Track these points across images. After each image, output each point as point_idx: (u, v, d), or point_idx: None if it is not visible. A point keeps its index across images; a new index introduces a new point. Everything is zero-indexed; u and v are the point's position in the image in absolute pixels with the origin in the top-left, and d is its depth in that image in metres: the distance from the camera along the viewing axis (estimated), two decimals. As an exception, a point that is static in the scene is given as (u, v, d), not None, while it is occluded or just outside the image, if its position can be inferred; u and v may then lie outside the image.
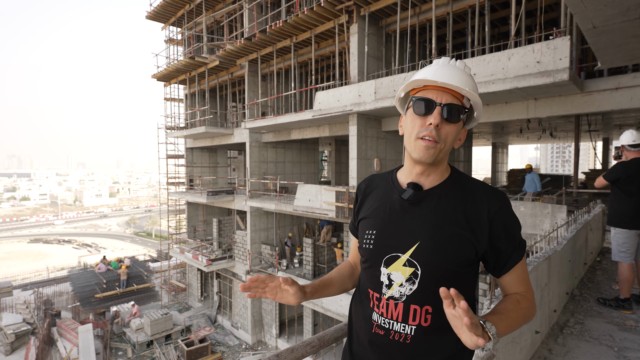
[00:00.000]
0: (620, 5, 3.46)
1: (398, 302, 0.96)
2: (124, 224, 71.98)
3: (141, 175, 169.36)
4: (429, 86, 0.96)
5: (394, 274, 0.97)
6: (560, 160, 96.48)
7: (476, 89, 0.98)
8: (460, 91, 0.93)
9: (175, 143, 18.74)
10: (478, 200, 0.96)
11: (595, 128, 13.64)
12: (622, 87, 6.85)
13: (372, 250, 1.02)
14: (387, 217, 1.02)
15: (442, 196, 0.98)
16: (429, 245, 0.94)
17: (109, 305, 18.49)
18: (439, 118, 0.92)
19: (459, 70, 0.97)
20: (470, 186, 1.00)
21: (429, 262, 0.93)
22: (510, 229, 0.97)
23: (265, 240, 14.75)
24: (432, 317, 0.95)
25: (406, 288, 0.95)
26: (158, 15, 17.69)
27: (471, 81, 0.97)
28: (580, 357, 2.52)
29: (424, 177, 1.00)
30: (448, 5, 9.11)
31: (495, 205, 0.96)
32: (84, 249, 47.37)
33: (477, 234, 0.94)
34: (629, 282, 3.41)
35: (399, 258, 0.96)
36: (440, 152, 0.94)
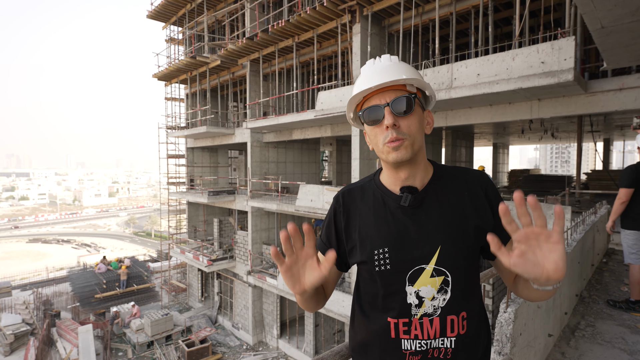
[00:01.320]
0: (630, 5, 3.44)
1: (433, 317, 0.88)
2: (124, 223, 71.91)
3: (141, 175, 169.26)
4: (369, 95, 0.93)
5: (423, 290, 0.88)
6: (559, 161, 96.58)
7: (414, 73, 0.93)
8: (396, 82, 0.89)
9: (176, 143, 18.71)
10: (471, 184, 0.94)
11: (597, 129, 13.64)
12: (627, 87, 6.83)
13: (390, 272, 0.90)
14: (394, 230, 0.91)
15: (439, 192, 0.93)
16: (451, 247, 0.88)
17: (109, 305, 18.43)
18: (391, 118, 0.87)
19: (385, 66, 0.92)
20: (458, 173, 0.97)
21: (456, 265, 0.88)
22: (498, 201, 0.92)
23: (266, 241, 14.72)
24: (467, 322, 0.91)
25: (439, 300, 0.88)
26: (159, 15, 17.66)
27: (403, 67, 0.92)
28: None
29: (411, 180, 0.93)
30: (451, 5, 9.09)
31: (484, 182, 0.94)
32: (83, 249, 47.30)
33: (484, 217, 0.91)
34: (637, 283, 3.38)
35: (424, 270, 0.88)
36: (413, 145, 0.89)
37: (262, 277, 13.30)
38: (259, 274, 13.58)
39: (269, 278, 13.00)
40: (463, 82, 7.54)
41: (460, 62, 7.64)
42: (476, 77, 7.35)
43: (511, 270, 0.70)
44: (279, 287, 12.52)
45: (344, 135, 12.03)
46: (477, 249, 0.91)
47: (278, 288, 12.59)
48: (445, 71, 7.80)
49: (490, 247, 0.68)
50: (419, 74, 0.94)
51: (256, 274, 13.72)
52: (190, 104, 18.61)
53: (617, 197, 3.47)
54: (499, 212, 0.68)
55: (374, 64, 0.95)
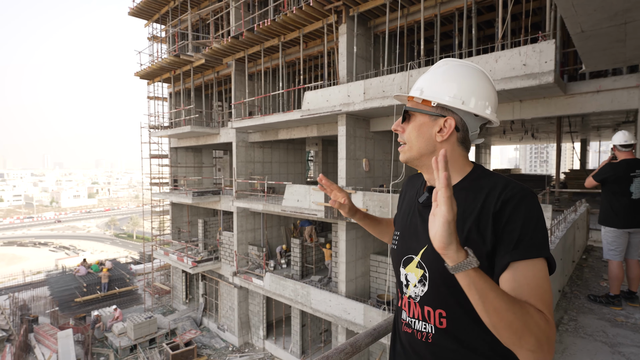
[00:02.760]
0: (609, 10, 3.57)
1: (415, 302, 0.99)
2: (104, 225, 70.07)
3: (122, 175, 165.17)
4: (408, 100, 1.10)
5: (410, 275, 1.01)
6: (538, 161, 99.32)
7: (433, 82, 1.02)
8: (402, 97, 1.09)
9: (159, 142, 18.35)
10: (491, 196, 0.88)
11: (575, 129, 14.09)
12: (603, 89, 7.08)
13: (395, 251, 1.09)
14: (408, 220, 1.08)
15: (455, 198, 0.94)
16: (434, 249, 0.85)
17: (89, 309, 17.95)
18: (395, 124, 1.06)
19: (425, 74, 1.07)
20: (488, 183, 0.92)
21: (435, 265, 0.92)
22: (513, 224, 0.83)
23: (252, 241, 14.61)
24: (447, 321, 0.92)
25: (419, 289, 0.98)
26: (141, 12, 17.28)
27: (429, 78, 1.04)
28: (578, 354, 2.57)
29: (432, 180, 1.05)
30: (436, 7, 9.23)
31: (505, 197, 0.86)
32: (61, 252, 45.87)
33: (484, 233, 0.86)
34: (618, 279, 3.51)
35: (413, 259, 1.00)
36: (409, 151, 1.03)
37: (248, 278, 13.20)
38: (245, 274, 13.46)
39: (255, 279, 12.91)
40: (448, 83, 7.64)
41: (445, 64, 7.75)
42: (460, 78, 7.46)
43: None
44: (265, 287, 12.45)
45: (330, 135, 12.05)
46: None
47: (264, 289, 12.51)
48: (431, 72, 7.90)
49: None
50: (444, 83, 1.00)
51: (242, 274, 13.59)
52: (174, 103, 18.29)
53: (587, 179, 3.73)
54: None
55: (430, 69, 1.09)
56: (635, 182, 3.40)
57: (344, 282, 10.33)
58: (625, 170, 3.43)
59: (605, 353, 2.59)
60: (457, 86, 0.98)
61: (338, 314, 10.04)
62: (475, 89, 0.97)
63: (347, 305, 9.83)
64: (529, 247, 0.81)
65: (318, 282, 11.72)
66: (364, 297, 10.68)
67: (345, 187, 9.86)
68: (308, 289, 10.90)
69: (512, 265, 0.81)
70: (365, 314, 9.38)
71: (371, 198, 9.15)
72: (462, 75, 0.99)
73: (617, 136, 3.57)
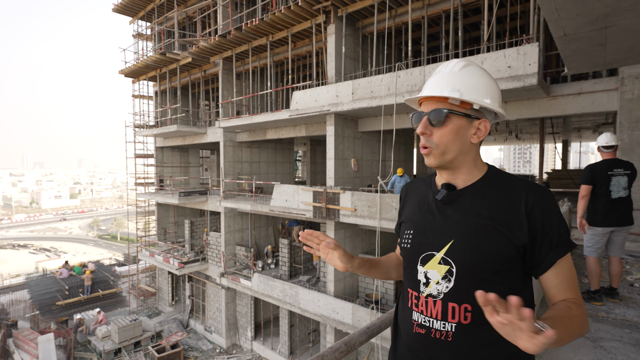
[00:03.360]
0: (590, 14, 3.67)
1: (436, 299, 0.98)
2: (87, 226, 68.46)
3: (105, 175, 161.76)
4: (424, 99, 1.04)
5: (430, 272, 1.00)
6: (522, 161, 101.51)
7: (469, 84, 0.98)
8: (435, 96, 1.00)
9: (144, 142, 18.04)
10: (515, 195, 0.96)
11: (557, 131, 14.45)
12: (584, 92, 7.29)
13: (409, 249, 1.07)
14: (423, 218, 1.06)
15: (475, 195, 1.00)
16: (462, 243, 0.95)
17: (72, 312, 17.48)
18: (422, 127, 1.00)
19: (445, 74, 1.01)
20: (507, 183, 1.00)
21: (463, 260, 0.95)
22: (548, 225, 0.93)
23: (240, 242, 14.50)
24: (471, 315, 0.94)
25: (443, 286, 0.97)
26: (126, 9, 16.96)
27: (461, 77, 0.99)
28: (562, 349, 2.64)
29: (452, 179, 1.04)
30: (423, 9, 9.34)
31: (533, 199, 0.94)
32: (42, 254, 44.62)
33: (515, 230, 0.93)
34: (596, 274, 3.63)
35: (434, 256, 0.99)
36: (442, 156, 0.99)
37: (236, 278, 13.09)
38: (233, 275, 13.35)
39: (243, 279, 12.82)
40: (435, 84, 7.75)
41: (432, 65, 7.87)
42: (447, 79, 7.58)
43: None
44: (253, 288, 12.37)
45: (319, 135, 12.06)
46: (498, 256, 0.93)
47: (252, 289, 12.43)
48: (418, 73, 7.99)
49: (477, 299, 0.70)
50: (475, 86, 0.98)
51: (230, 275, 13.48)
52: (160, 101, 18.01)
53: (580, 188, 3.71)
54: (476, 297, 0.70)
55: (445, 68, 1.03)
56: (614, 180, 3.50)
57: (332, 282, 10.35)
58: (604, 170, 3.54)
59: (587, 348, 2.67)
60: (490, 89, 1.00)
61: (327, 314, 10.05)
62: (497, 91, 1.03)
63: (335, 304, 9.85)
64: (565, 244, 0.94)
65: (306, 282, 11.72)
66: (353, 296, 10.72)
67: (333, 187, 9.89)
68: (296, 289, 10.89)
69: (557, 262, 0.94)
70: (353, 313, 9.42)
71: (359, 198, 9.19)
72: (488, 78, 1.01)
73: (600, 138, 3.69)
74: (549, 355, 2.57)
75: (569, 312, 0.87)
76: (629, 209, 3.53)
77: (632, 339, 2.79)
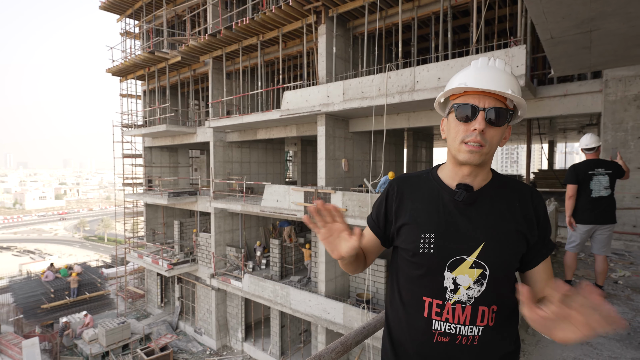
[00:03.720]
0: (575, 18, 3.76)
1: (466, 305, 0.95)
2: (73, 228, 67.11)
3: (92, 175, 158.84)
4: (469, 91, 0.96)
5: (460, 278, 0.95)
6: (509, 161, 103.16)
7: (518, 88, 0.96)
8: (506, 95, 0.93)
9: (132, 142, 17.78)
10: (525, 196, 1.01)
11: (543, 131, 14.73)
12: (570, 94, 7.45)
13: (433, 255, 0.97)
14: (444, 220, 0.99)
15: (493, 196, 1.01)
16: (494, 245, 0.95)
17: (57, 316, 17.11)
18: (483, 124, 0.92)
19: (499, 72, 0.95)
20: (513, 184, 1.04)
21: (496, 262, 0.95)
22: (544, 224, 1.01)
23: (230, 242, 14.40)
24: (496, 315, 0.97)
25: (474, 290, 0.95)
26: (113, 6, 16.68)
27: (512, 80, 0.96)
28: (550, 346, 2.69)
29: (471, 178, 1.00)
30: (413, 10, 9.42)
31: (535, 200, 1.02)
32: (26, 256, 43.58)
33: (532, 229, 0.98)
34: (570, 268, 3.85)
35: (465, 261, 0.95)
36: (487, 155, 0.96)
37: (227, 279, 13.00)
38: (223, 276, 13.26)
39: (234, 280, 12.73)
40: (425, 85, 7.83)
41: (422, 66, 7.94)
42: (437, 80, 7.67)
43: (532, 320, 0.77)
44: (244, 289, 12.30)
45: (310, 135, 12.05)
46: (518, 253, 0.98)
47: (243, 290, 12.36)
48: (408, 74, 8.06)
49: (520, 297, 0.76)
50: (520, 91, 0.97)
51: (220, 276, 13.38)
52: (149, 101, 17.77)
53: (566, 194, 3.83)
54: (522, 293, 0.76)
55: (488, 64, 0.98)
56: (594, 180, 3.62)
57: (323, 282, 10.36)
58: (585, 169, 3.67)
59: (574, 344, 2.73)
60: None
61: (318, 314, 10.06)
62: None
63: (326, 304, 9.86)
64: (550, 242, 1.03)
65: (297, 282, 11.70)
66: (344, 296, 10.75)
67: (325, 187, 9.90)
68: (287, 290, 10.87)
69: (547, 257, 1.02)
70: (344, 313, 9.45)
71: (350, 198, 9.23)
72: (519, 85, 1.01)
73: (582, 140, 3.80)
74: (538, 351, 2.63)
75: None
76: (611, 208, 3.62)
77: (616, 335, 2.86)
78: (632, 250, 6.02)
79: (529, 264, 1.01)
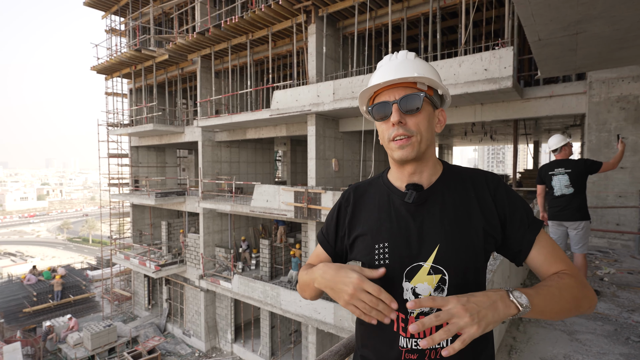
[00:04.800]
0: (562, 21, 3.83)
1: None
2: (56, 229, 65.50)
3: (75, 176, 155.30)
4: (380, 90, 0.94)
5: (420, 286, 0.88)
6: (495, 161, 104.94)
7: (429, 70, 0.92)
8: (406, 80, 0.89)
9: (118, 141, 17.44)
10: (479, 185, 0.93)
11: (529, 132, 15.01)
12: (555, 95, 7.61)
13: (389, 266, 0.90)
14: (396, 226, 0.92)
15: (445, 191, 0.93)
16: (449, 246, 0.87)
17: (40, 320, 16.68)
18: (397, 115, 0.88)
19: (400, 62, 0.93)
20: (466, 174, 0.96)
21: (454, 265, 0.87)
22: (513, 207, 0.91)
23: (219, 243, 14.26)
24: None
25: None
26: (98, 3, 16.34)
27: (418, 64, 0.92)
28: (541, 343, 2.74)
29: (417, 176, 0.94)
30: (403, 11, 9.48)
31: (492, 183, 0.93)
32: (6, 259, 42.33)
33: (490, 220, 0.90)
34: None
35: (422, 267, 0.88)
36: (420, 144, 0.89)
37: (216, 280, 12.87)
38: (212, 277, 13.12)
39: (223, 281, 12.61)
40: (415, 85, 7.88)
41: (412, 67, 7.98)
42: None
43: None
44: (233, 290, 12.20)
45: (299, 135, 12.02)
46: (481, 250, 0.89)
47: (232, 291, 12.26)
48: (398, 74, 8.10)
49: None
50: (433, 72, 0.93)
51: (209, 277, 13.24)
52: (135, 99, 17.46)
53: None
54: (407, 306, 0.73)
55: (390, 59, 0.94)
56: (555, 180, 3.81)
57: (314, 282, 10.33)
58: (546, 170, 3.89)
59: (564, 340, 2.78)
60: (439, 77, 0.95)
61: (308, 314, 10.04)
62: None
63: (317, 305, 9.85)
64: (537, 222, 0.92)
65: (288, 282, 11.66)
66: (334, 296, 10.75)
67: (315, 187, 9.88)
68: (278, 290, 10.82)
69: (535, 240, 0.90)
70: (335, 313, 9.45)
71: (341, 198, 9.23)
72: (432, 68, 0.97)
73: (549, 141, 3.96)
74: (529, 348, 2.66)
75: (559, 280, 0.83)
76: (573, 206, 3.72)
77: (604, 331, 2.93)
78: (616, 248, 6.18)
79: (519, 255, 0.92)
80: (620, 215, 6.57)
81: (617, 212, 6.59)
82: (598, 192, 6.79)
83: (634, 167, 6.46)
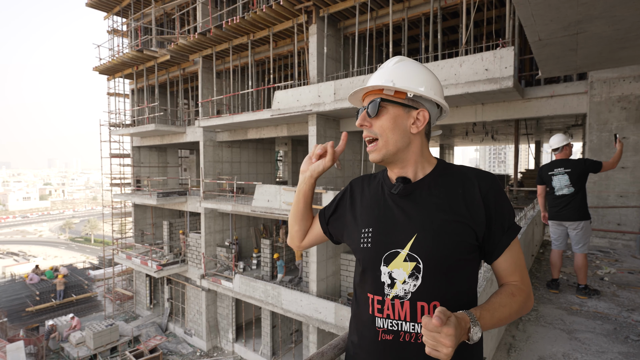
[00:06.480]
0: (562, 21, 3.84)
1: (404, 300, 0.92)
2: (58, 229, 65.70)
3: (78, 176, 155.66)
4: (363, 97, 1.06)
5: (396, 272, 0.93)
6: (496, 161, 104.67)
7: (405, 75, 0.98)
8: (374, 88, 0.99)
9: (120, 141, 17.51)
10: (469, 183, 0.96)
11: (530, 132, 14.99)
12: (556, 95, 7.60)
13: (370, 250, 0.97)
14: (382, 214, 1.00)
15: (432, 185, 0.98)
16: (427, 236, 0.91)
17: (43, 319, 16.78)
18: (360, 119, 1.01)
19: (385, 68, 1.02)
20: (458, 171, 1.00)
21: (429, 254, 0.90)
22: (500, 209, 0.95)
23: (220, 243, 14.29)
24: None
25: (410, 285, 0.91)
26: (100, 3, 16.40)
27: (396, 70, 0.99)
28: (540, 342, 2.75)
29: (403, 172, 1.01)
30: (403, 11, 9.49)
31: (485, 184, 0.95)
32: (9, 258, 42.50)
33: (475, 217, 0.92)
34: (555, 266, 3.96)
35: (399, 254, 0.93)
36: (386, 147, 0.98)
37: (217, 280, 12.91)
38: (214, 277, 13.15)
39: (224, 281, 12.65)
40: (415, 85, 7.89)
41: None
42: (427, 81, 7.73)
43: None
44: (234, 289, 12.22)
45: (300, 135, 12.04)
46: (463, 245, 0.92)
47: (234, 291, 12.29)
48: (399, 74, 8.10)
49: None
50: (411, 77, 0.98)
51: (210, 277, 13.27)
52: (137, 100, 17.52)
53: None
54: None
55: (381, 66, 1.05)
56: (555, 180, 3.82)
57: (314, 282, 10.36)
58: (546, 170, 3.90)
59: (563, 339, 2.79)
60: (424, 79, 0.99)
61: (309, 314, 10.06)
62: (435, 83, 1.01)
63: (318, 304, 9.87)
64: (514, 227, 0.96)
65: (289, 282, 11.68)
66: (335, 295, 10.77)
67: (316, 187, 9.90)
68: (279, 290, 10.84)
69: (509, 246, 0.96)
70: (336, 312, 9.47)
71: (342, 198, 9.24)
72: (423, 70, 1.00)
73: (550, 141, 3.97)
74: (528, 347, 2.68)
75: (511, 298, 0.92)
76: (573, 206, 3.72)
77: (603, 330, 2.94)
78: (617, 247, 6.18)
79: (491, 255, 0.96)
80: (621, 215, 6.57)
81: (618, 212, 6.59)
82: (599, 191, 6.79)
83: (635, 167, 6.45)
